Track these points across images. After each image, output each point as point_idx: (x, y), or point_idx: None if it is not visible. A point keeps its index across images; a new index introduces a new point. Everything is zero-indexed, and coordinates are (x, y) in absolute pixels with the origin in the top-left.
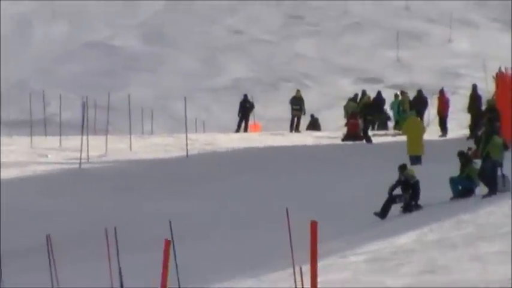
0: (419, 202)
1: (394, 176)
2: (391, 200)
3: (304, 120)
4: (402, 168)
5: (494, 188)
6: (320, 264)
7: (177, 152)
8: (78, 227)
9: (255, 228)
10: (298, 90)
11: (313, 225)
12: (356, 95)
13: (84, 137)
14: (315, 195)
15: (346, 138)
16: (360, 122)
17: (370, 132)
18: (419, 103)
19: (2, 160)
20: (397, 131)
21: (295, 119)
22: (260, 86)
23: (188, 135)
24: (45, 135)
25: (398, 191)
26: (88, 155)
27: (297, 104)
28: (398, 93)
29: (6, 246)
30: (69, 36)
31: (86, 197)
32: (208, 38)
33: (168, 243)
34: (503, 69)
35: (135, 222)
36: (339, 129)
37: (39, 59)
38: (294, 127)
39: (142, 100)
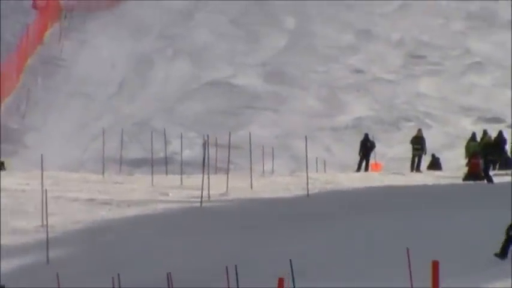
0: None
1: None
2: (509, 240)
3: (425, 160)
4: None
5: None
6: None
7: (297, 191)
8: (199, 265)
9: (375, 268)
10: (419, 130)
11: (435, 264)
12: (474, 134)
13: (205, 176)
14: (435, 234)
15: (467, 177)
16: (481, 161)
17: (491, 172)
18: None
19: (125, 198)
20: None
21: (416, 159)
22: (381, 125)
23: (309, 174)
24: (166, 173)
25: None
26: (209, 194)
27: (418, 143)
28: None
29: (127, 283)
30: (190, 75)
31: (207, 235)
32: (330, 77)
33: (281, 282)
34: None
35: (256, 260)
36: (459, 169)
37: (161, 98)
38: (415, 166)
39: (263, 139)
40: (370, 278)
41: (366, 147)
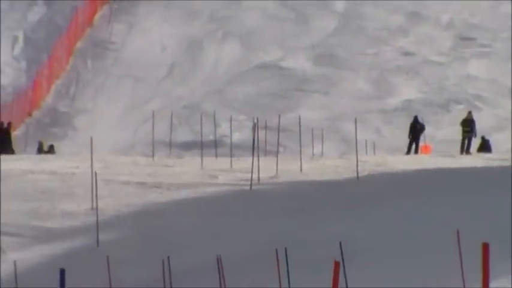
0: None
1: None
2: None
3: (475, 142)
4: None
5: None
6: (492, 286)
7: (347, 174)
8: (248, 248)
9: (425, 250)
10: (469, 112)
11: (485, 247)
12: None
13: (255, 159)
14: (486, 217)
15: None
16: None
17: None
18: None
19: (175, 181)
20: None
21: (466, 141)
22: (431, 108)
23: (359, 156)
24: (216, 156)
25: None
26: (259, 177)
27: (468, 125)
28: None
29: (178, 266)
30: (240, 58)
31: (256, 218)
32: (379, 59)
33: (337, 265)
34: None
35: (305, 243)
36: (509, 151)
37: (210, 81)
38: (465, 149)
39: (313, 122)
40: (420, 261)
41: (416, 130)
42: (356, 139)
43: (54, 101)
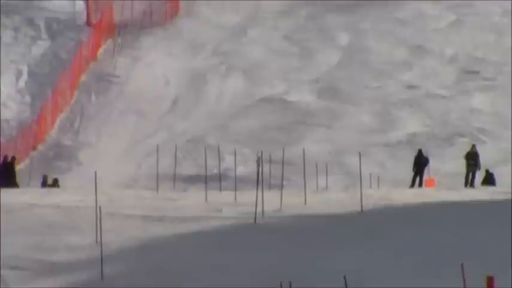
0: None
1: None
2: None
3: (479, 176)
4: None
5: None
6: None
7: (351, 207)
8: (253, 281)
9: (430, 283)
10: (473, 145)
11: (490, 280)
12: None
13: (259, 192)
14: (490, 250)
15: None
16: None
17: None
18: None
19: (179, 214)
20: None
21: (470, 174)
22: (435, 141)
23: (363, 190)
24: (220, 190)
25: None
26: (263, 210)
27: (473, 158)
28: None
29: None
30: (244, 91)
31: (261, 252)
32: (383, 93)
33: None
34: None
35: (310, 276)
36: None
37: (214, 115)
38: (469, 182)
39: (317, 155)
40: None
41: (420, 163)
42: (360, 172)
43: (58, 135)
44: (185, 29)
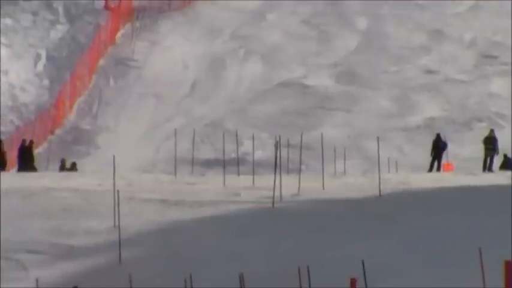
0: None
1: None
2: None
3: (497, 160)
4: None
5: None
6: None
7: (369, 192)
8: (271, 266)
9: (447, 267)
10: (491, 130)
11: (508, 264)
12: None
13: (277, 176)
14: (508, 235)
15: None
16: None
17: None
18: None
19: (197, 199)
20: None
21: (488, 159)
22: (453, 126)
23: (381, 174)
24: (238, 174)
25: None
26: (281, 194)
27: (491, 143)
28: None
29: (200, 284)
30: (262, 76)
31: (279, 236)
32: (402, 77)
33: (354, 282)
34: None
35: (328, 261)
36: None
37: (232, 99)
38: (487, 167)
39: (335, 139)
40: (442, 278)
41: (438, 148)
42: (378, 157)
43: (76, 119)
44: (204, 13)
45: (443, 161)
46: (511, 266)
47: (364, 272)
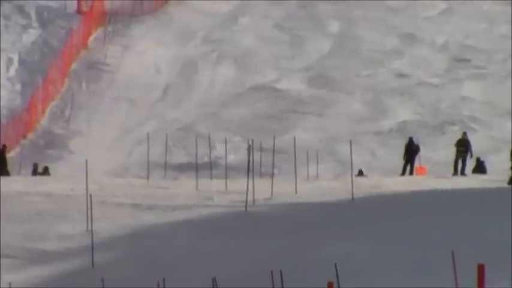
0: None
1: None
2: None
3: (470, 164)
4: None
5: None
6: None
7: (342, 195)
8: (244, 269)
9: (420, 271)
10: (464, 133)
11: (481, 268)
12: None
13: (250, 180)
14: (481, 238)
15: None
16: None
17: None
18: None
19: (169, 203)
20: None
21: (460, 161)
22: (426, 129)
23: (354, 178)
24: (211, 178)
25: None
26: (254, 198)
27: (463, 145)
28: None
29: (173, 287)
30: (234, 80)
31: (252, 240)
32: (374, 81)
33: (331, 286)
34: None
35: (301, 264)
36: (504, 173)
37: (205, 103)
38: (460, 170)
39: (308, 143)
40: (415, 282)
41: (411, 151)
42: (351, 161)
43: (49, 123)
44: (176, 17)
45: (416, 165)
46: (483, 270)
47: (338, 276)
